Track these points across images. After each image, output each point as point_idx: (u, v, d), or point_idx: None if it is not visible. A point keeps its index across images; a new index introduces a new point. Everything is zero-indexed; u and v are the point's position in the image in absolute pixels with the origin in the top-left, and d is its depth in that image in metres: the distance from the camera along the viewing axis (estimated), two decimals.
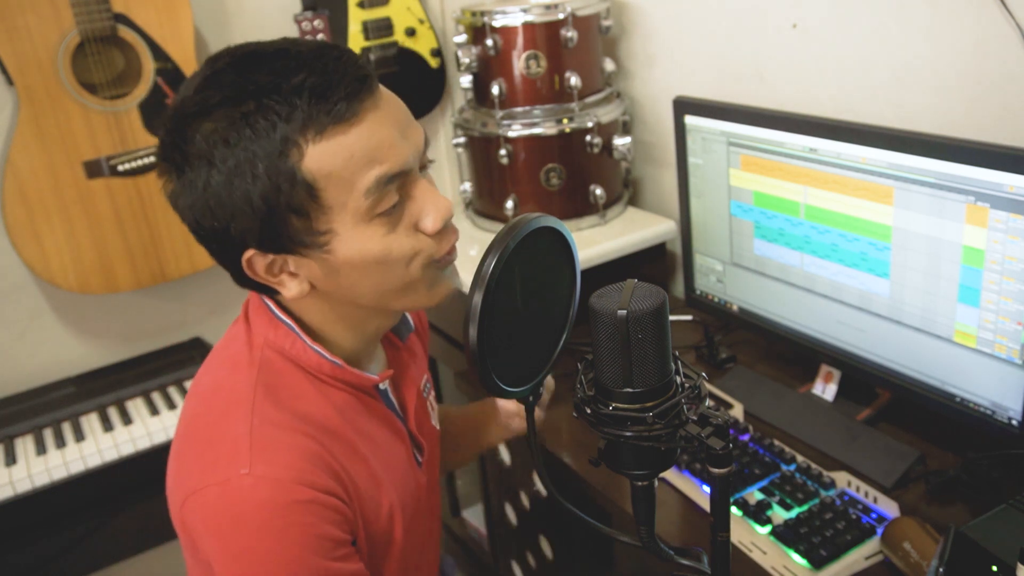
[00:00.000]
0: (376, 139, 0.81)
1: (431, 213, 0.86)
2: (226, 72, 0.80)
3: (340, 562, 0.85)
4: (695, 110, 1.43)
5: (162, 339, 2.10)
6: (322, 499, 0.84)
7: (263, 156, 0.78)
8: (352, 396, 0.94)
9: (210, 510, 0.83)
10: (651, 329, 0.62)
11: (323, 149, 0.79)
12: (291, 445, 0.85)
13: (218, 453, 0.84)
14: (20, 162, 1.72)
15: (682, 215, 1.53)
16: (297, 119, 0.78)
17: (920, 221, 1.14)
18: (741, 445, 1.29)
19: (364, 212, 0.82)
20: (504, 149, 1.69)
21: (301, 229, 0.82)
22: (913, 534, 1.01)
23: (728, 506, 0.68)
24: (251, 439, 0.83)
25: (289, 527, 0.82)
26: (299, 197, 0.80)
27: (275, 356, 0.91)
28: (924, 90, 1.31)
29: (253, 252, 0.84)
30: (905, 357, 1.22)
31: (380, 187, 0.82)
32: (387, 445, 0.98)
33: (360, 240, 0.83)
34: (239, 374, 0.90)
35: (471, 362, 0.64)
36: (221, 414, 0.88)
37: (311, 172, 0.79)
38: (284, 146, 0.78)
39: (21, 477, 1.61)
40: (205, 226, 0.83)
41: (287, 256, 0.85)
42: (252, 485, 0.81)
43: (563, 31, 1.64)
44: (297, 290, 0.87)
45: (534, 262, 0.68)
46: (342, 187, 0.80)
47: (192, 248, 1.91)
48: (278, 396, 0.89)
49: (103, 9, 1.73)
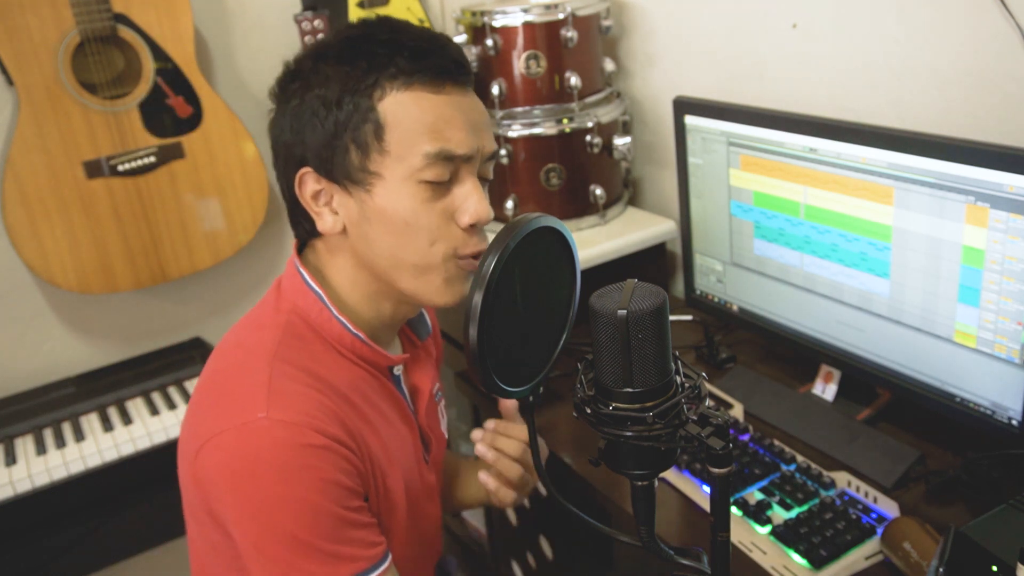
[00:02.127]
0: (449, 116, 0.90)
1: (470, 208, 0.92)
2: (356, 27, 0.94)
3: (354, 512, 0.87)
4: (695, 110, 1.43)
5: (162, 339, 2.10)
6: (335, 447, 0.86)
7: (351, 89, 0.89)
8: (368, 374, 0.98)
9: (226, 454, 0.85)
10: (651, 329, 0.62)
11: (403, 99, 0.89)
12: (307, 396, 0.88)
13: (236, 400, 0.87)
14: (20, 162, 1.72)
15: (682, 215, 1.53)
16: (391, 69, 0.89)
17: (920, 221, 1.14)
18: (741, 445, 1.29)
19: (414, 171, 0.89)
20: (504, 149, 1.69)
21: (356, 163, 0.90)
22: (913, 534, 1.01)
23: (728, 506, 0.67)
24: (269, 387, 0.86)
25: (304, 469, 0.83)
26: (366, 132, 0.89)
27: (300, 322, 0.95)
28: (924, 90, 1.31)
29: (308, 170, 0.92)
30: (905, 357, 1.22)
31: (438, 158, 0.89)
32: (397, 427, 1.00)
33: (399, 194, 0.90)
34: (263, 332, 0.94)
35: (471, 362, 0.64)
36: (241, 366, 0.91)
37: (384, 113, 0.89)
38: (372, 87, 0.89)
39: (21, 477, 1.61)
40: (281, 142, 0.94)
41: (334, 188, 0.91)
42: (268, 427, 0.83)
43: (563, 31, 1.64)
44: (331, 225, 0.93)
45: (534, 262, 0.68)
46: (405, 139, 0.89)
47: (192, 248, 1.91)
48: (298, 356, 0.92)
49: (103, 9, 1.73)
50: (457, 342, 1.82)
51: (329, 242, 0.96)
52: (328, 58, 0.91)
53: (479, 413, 1.81)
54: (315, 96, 0.90)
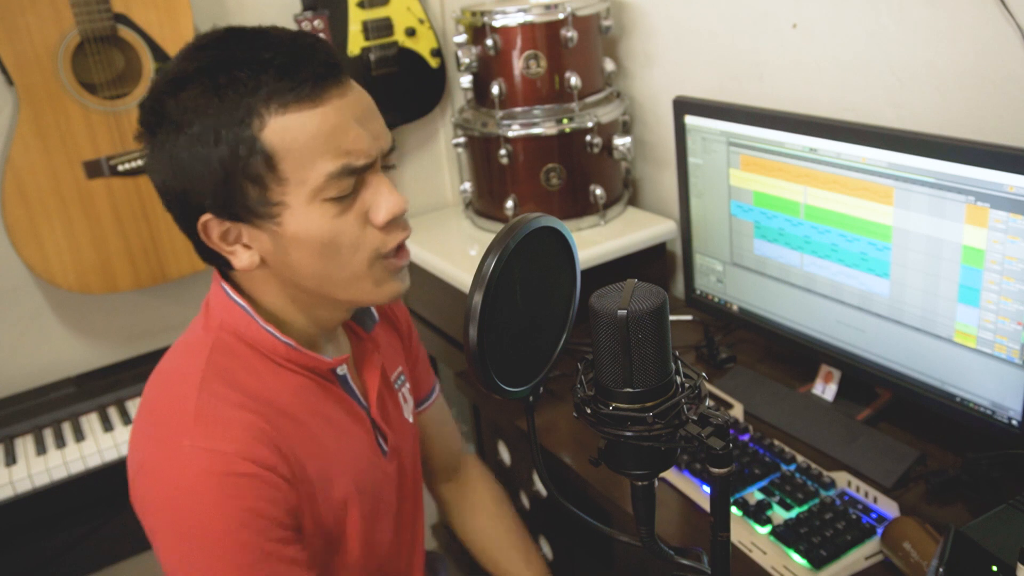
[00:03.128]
0: (338, 125, 0.85)
1: (382, 205, 0.89)
2: (207, 47, 0.88)
3: (277, 544, 0.85)
4: (695, 110, 1.43)
5: (162, 339, 2.09)
6: (263, 475, 0.84)
7: (227, 123, 0.83)
8: (308, 379, 0.96)
9: (152, 482, 0.85)
10: (651, 329, 0.62)
11: (285, 123, 0.83)
12: (237, 420, 0.86)
13: (164, 428, 0.87)
14: (20, 162, 1.71)
15: (682, 215, 1.53)
16: (262, 92, 0.83)
17: (920, 221, 1.14)
18: (741, 445, 1.28)
19: (317, 192, 0.85)
20: (504, 149, 1.69)
21: (256, 198, 0.86)
22: (913, 534, 1.01)
23: (728, 506, 0.67)
24: (196, 413, 0.85)
25: (226, 500, 0.83)
26: (256, 166, 0.84)
27: (230, 338, 0.93)
28: (924, 90, 1.31)
29: (209, 217, 0.87)
30: (905, 357, 1.22)
31: (338, 176, 0.86)
32: (345, 430, 0.99)
33: (309, 218, 0.86)
34: (192, 356, 0.92)
35: (471, 362, 0.64)
36: (170, 394, 0.90)
37: (271, 143, 0.83)
38: (248, 115, 0.83)
39: (21, 477, 1.61)
40: (169, 189, 0.89)
41: (241, 226, 0.88)
42: (191, 456, 0.83)
43: (563, 31, 1.64)
44: (248, 261, 0.90)
45: (534, 262, 0.68)
46: (299, 163, 0.84)
47: (192, 248, 1.90)
48: (231, 375, 0.90)
49: (103, 9, 1.73)
50: (457, 342, 1.82)
51: (251, 273, 0.93)
52: (189, 92, 0.84)
53: (479, 413, 1.81)
54: (189, 137, 0.84)
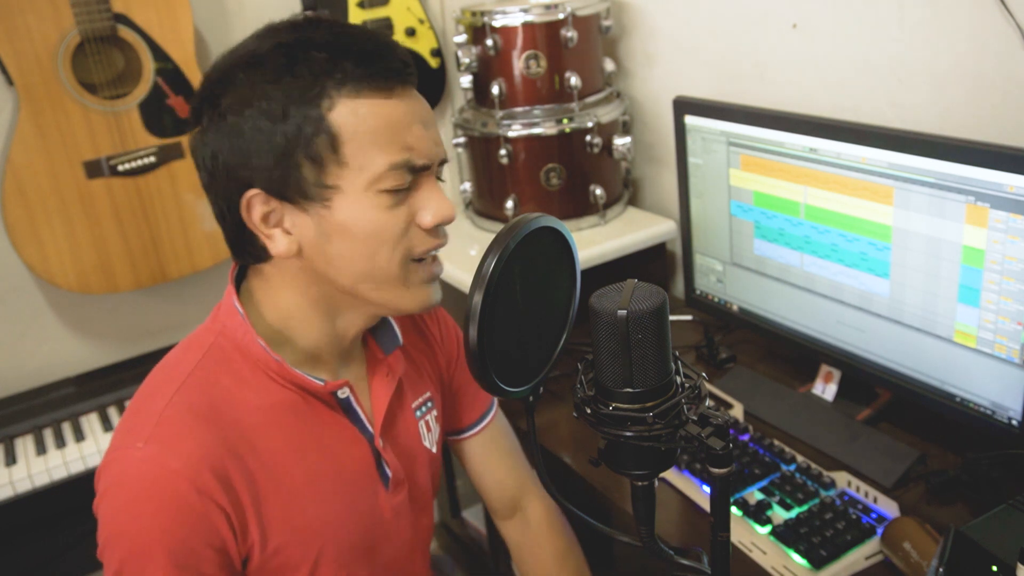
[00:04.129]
0: (404, 120, 0.86)
1: (432, 209, 0.89)
2: (286, 30, 0.87)
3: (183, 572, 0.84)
4: (695, 110, 1.43)
5: (162, 339, 2.09)
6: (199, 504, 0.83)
7: (297, 100, 0.83)
8: (300, 398, 0.93)
9: (104, 474, 0.85)
10: (651, 329, 0.62)
11: (355, 107, 0.84)
12: (195, 436, 0.85)
13: (132, 425, 0.87)
14: (20, 162, 1.71)
15: (682, 215, 1.53)
16: (337, 75, 0.83)
17: (920, 221, 1.14)
18: (741, 445, 1.28)
19: (374, 180, 0.85)
20: (504, 149, 1.69)
21: (311, 179, 0.85)
22: (913, 534, 1.01)
23: (728, 506, 0.68)
24: (159, 417, 0.85)
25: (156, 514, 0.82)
26: (320, 145, 0.84)
27: (226, 344, 0.92)
28: (924, 90, 1.31)
29: (256, 192, 0.86)
30: (905, 357, 1.22)
31: (398, 168, 0.85)
32: (337, 458, 0.96)
33: (360, 206, 0.86)
34: (186, 354, 0.92)
35: (471, 362, 0.64)
36: (153, 389, 0.90)
37: (338, 124, 0.84)
38: (320, 95, 0.83)
39: (21, 477, 1.61)
40: (218, 164, 0.86)
41: (286, 207, 0.87)
42: (140, 458, 0.83)
43: (563, 31, 1.64)
44: (285, 248, 0.88)
45: (534, 262, 0.68)
46: (362, 149, 0.84)
47: (192, 248, 1.91)
48: (214, 383, 0.90)
49: (103, 9, 1.73)
50: None
51: (279, 265, 0.91)
52: (264, 67, 0.84)
53: None
54: (256, 111, 0.83)
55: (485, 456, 1.22)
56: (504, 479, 1.23)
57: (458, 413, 1.19)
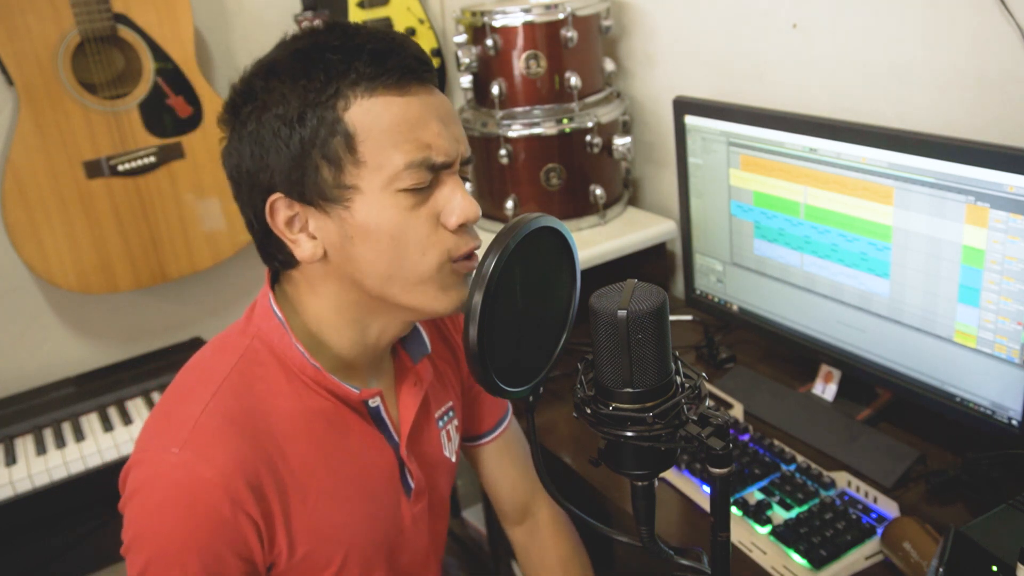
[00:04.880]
0: (421, 117, 0.85)
1: (456, 209, 0.87)
2: (303, 37, 0.88)
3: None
4: (695, 110, 1.43)
5: (162, 339, 2.10)
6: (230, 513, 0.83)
7: (313, 103, 0.84)
8: (332, 405, 0.93)
9: (135, 473, 0.85)
10: (651, 329, 0.62)
11: (370, 105, 0.84)
12: (229, 445, 0.84)
13: (166, 427, 0.86)
14: (20, 162, 1.72)
15: (682, 215, 1.53)
16: (351, 75, 0.84)
17: (920, 221, 1.14)
18: (741, 445, 1.28)
19: (392, 179, 0.84)
20: (504, 149, 1.69)
21: (330, 180, 0.85)
22: (913, 534, 1.01)
23: (728, 506, 0.67)
24: (196, 423, 0.84)
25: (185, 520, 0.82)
26: (336, 145, 0.84)
27: (262, 348, 0.91)
28: (924, 90, 1.31)
29: (279, 196, 0.86)
30: (905, 357, 1.22)
31: (416, 167, 0.85)
32: (364, 466, 0.96)
33: (381, 206, 0.85)
34: (221, 356, 0.91)
35: (471, 362, 0.64)
36: (186, 391, 0.89)
37: (353, 124, 0.84)
38: (334, 96, 0.84)
39: (21, 477, 1.61)
40: (242, 171, 0.88)
41: (309, 211, 0.87)
42: (174, 464, 0.82)
43: (563, 31, 1.64)
44: (311, 252, 0.88)
45: (534, 262, 0.68)
46: (379, 148, 0.84)
47: (192, 248, 1.91)
48: (249, 388, 0.89)
49: (103, 9, 1.73)
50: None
51: (307, 271, 0.91)
52: (280, 74, 0.85)
53: None
54: (273, 116, 0.84)
55: (499, 462, 1.21)
56: (517, 484, 1.22)
57: (476, 419, 1.18)
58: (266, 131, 0.85)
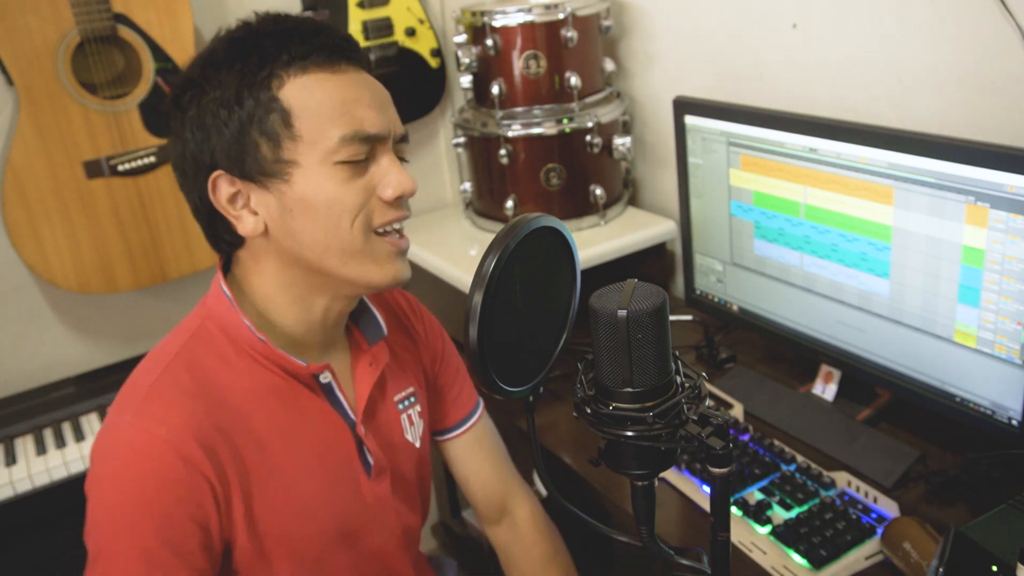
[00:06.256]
0: (354, 95, 0.90)
1: (392, 182, 0.92)
2: (238, 28, 0.93)
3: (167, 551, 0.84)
4: (695, 110, 1.43)
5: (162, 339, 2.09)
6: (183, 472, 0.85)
7: (248, 84, 0.88)
8: (283, 381, 0.96)
9: (93, 451, 0.88)
10: (651, 329, 0.62)
11: (303, 82, 0.89)
12: (181, 407, 0.88)
13: (120, 402, 0.90)
14: (20, 162, 1.71)
15: (682, 215, 1.53)
16: (284, 56, 0.88)
17: (920, 221, 1.14)
18: (741, 445, 1.28)
19: (329, 153, 0.88)
20: (504, 149, 1.69)
21: (269, 156, 0.89)
22: (913, 534, 1.01)
23: (728, 506, 0.68)
24: (147, 392, 0.88)
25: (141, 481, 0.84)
26: (273, 122, 0.88)
27: (213, 327, 0.95)
28: (924, 90, 1.31)
29: (220, 173, 0.90)
30: (905, 357, 1.22)
31: (353, 140, 0.89)
32: (320, 441, 0.98)
33: (318, 179, 0.89)
34: (173, 337, 0.96)
35: (471, 362, 0.64)
36: (141, 371, 0.93)
37: (288, 100, 0.88)
38: (269, 77, 0.88)
39: (21, 477, 1.61)
40: (186, 155, 0.93)
41: (251, 187, 0.90)
42: (126, 431, 0.86)
43: (563, 31, 1.64)
44: (252, 227, 0.91)
45: (534, 262, 0.68)
46: (315, 123, 0.88)
47: (192, 248, 1.91)
48: (199, 362, 0.92)
49: (103, 9, 1.73)
50: (457, 342, 1.82)
51: (252, 247, 0.95)
52: (217, 61, 0.90)
53: None
54: (212, 100, 0.89)
55: (470, 457, 1.23)
56: (489, 480, 1.23)
57: (443, 412, 1.21)
58: (206, 114, 0.89)
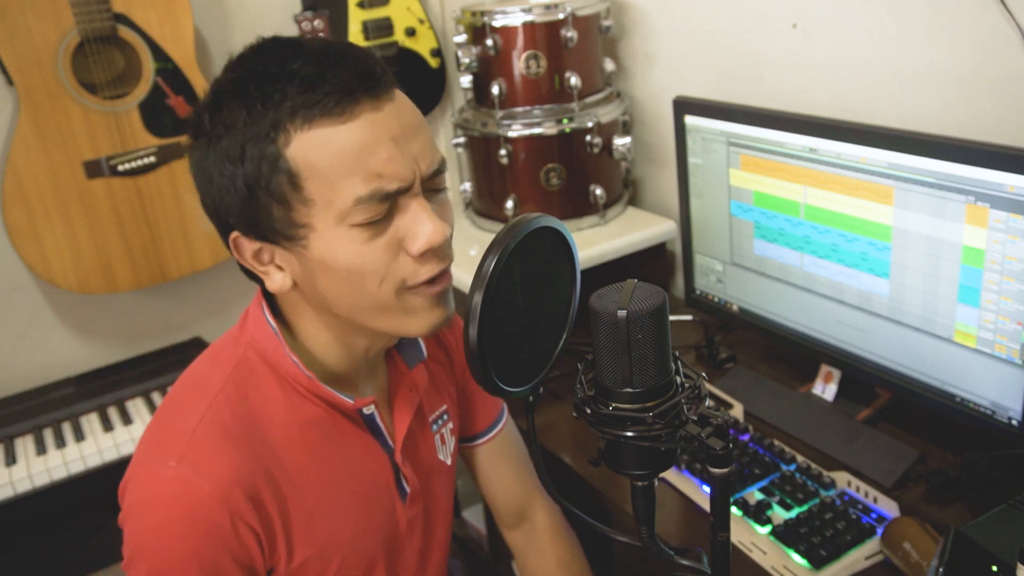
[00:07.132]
0: (369, 143, 0.79)
1: (420, 234, 0.82)
2: (245, 59, 0.84)
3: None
4: (695, 110, 1.43)
5: (162, 339, 2.10)
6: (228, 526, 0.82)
7: (252, 138, 0.79)
8: (326, 413, 0.92)
9: (132, 488, 0.84)
10: (651, 329, 0.62)
11: (310, 139, 0.78)
12: (227, 457, 0.84)
13: (162, 440, 0.86)
14: (20, 162, 1.72)
15: (682, 215, 1.53)
16: (287, 105, 0.78)
17: (920, 221, 1.14)
18: (741, 445, 1.28)
19: (344, 215, 0.80)
20: (504, 149, 1.69)
21: (281, 219, 0.81)
22: (913, 534, 1.01)
23: (728, 506, 0.67)
24: (192, 435, 0.84)
25: (186, 535, 0.81)
26: (280, 184, 0.79)
27: (255, 357, 0.91)
28: (924, 90, 1.31)
29: (238, 235, 0.85)
30: (905, 357, 1.22)
31: (367, 200, 0.79)
32: (359, 473, 0.96)
33: (335, 242, 0.81)
34: (216, 367, 0.91)
35: (471, 362, 0.64)
36: (182, 403, 0.89)
37: (295, 160, 0.79)
38: (273, 130, 0.79)
39: (21, 477, 1.61)
40: (206, 204, 0.87)
41: (273, 247, 0.85)
42: (172, 479, 0.82)
43: (563, 31, 1.64)
44: (280, 283, 0.87)
45: (534, 262, 0.68)
46: (325, 184, 0.79)
47: (192, 248, 1.91)
48: (244, 397, 0.88)
49: (103, 9, 1.73)
50: None
51: (287, 296, 0.90)
52: (226, 101, 0.81)
53: None
54: (219, 151, 0.81)
55: (494, 464, 1.21)
56: (512, 487, 1.22)
57: (471, 419, 1.18)
58: (213, 167, 0.82)
